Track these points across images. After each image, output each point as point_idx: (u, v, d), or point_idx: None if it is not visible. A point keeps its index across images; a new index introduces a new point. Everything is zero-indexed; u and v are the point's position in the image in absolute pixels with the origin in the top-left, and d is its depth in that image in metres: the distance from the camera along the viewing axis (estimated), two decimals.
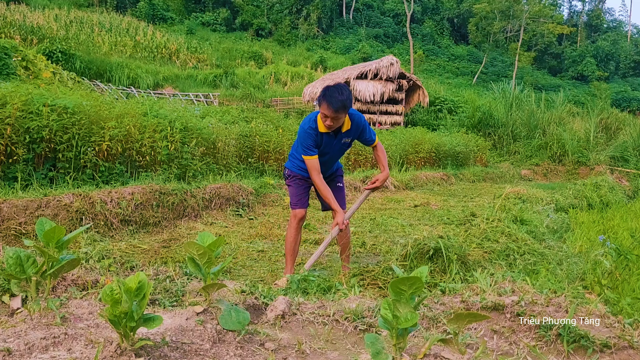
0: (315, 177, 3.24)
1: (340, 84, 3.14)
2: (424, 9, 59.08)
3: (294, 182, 3.50)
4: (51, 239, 1.75)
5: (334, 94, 3.03)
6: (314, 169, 3.23)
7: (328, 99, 3.03)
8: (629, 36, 65.23)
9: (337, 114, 3.05)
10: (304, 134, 3.22)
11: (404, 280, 1.46)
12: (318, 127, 3.20)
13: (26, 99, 4.83)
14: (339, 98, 3.02)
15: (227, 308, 1.81)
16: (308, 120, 3.25)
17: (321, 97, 3.08)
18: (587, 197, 8.05)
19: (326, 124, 3.12)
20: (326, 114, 3.06)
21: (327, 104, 3.03)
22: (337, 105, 3.02)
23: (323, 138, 3.24)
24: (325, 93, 3.06)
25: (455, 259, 3.51)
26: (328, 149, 3.32)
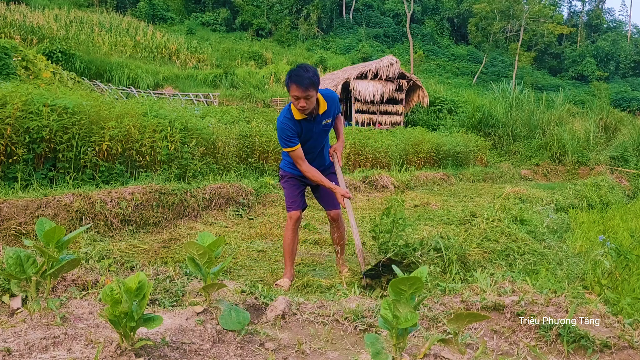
0: (302, 165, 3.21)
1: (302, 64, 3.11)
2: (424, 9, 59.08)
3: (287, 183, 3.48)
4: (51, 239, 1.75)
5: (300, 73, 2.98)
6: (299, 158, 3.20)
7: (295, 79, 2.97)
8: (629, 36, 65.25)
9: (307, 91, 2.98)
10: (281, 126, 3.16)
11: (404, 280, 1.46)
12: (294, 116, 3.15)
13: (26, 99, 4.83)
14: (305, 75, 2.96)
15: (227, 308, 1.81)
16: (282, 112, 3.21)
17: (288, 80, 3.03)
18: (587, 197, 8.05)
19: (299, 106, 3.04)
20: (297, 94, 2.99)
21: (295, 84, 2.97)
22: (306, 82, 2.96)
23: (302, 125, 3.18)
24: (290, 75, 3.02)
25: (455, 259, 3.51)
26: (309, 135, 3.26)
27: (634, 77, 55.21)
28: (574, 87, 49.60)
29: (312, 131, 3.26)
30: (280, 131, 3.17)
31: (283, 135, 3.16)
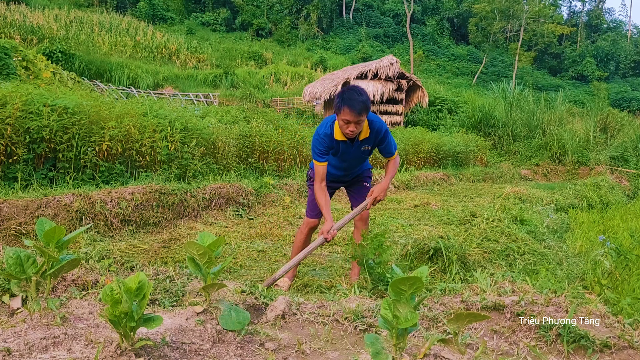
0: (317, 184, 3.06)
1: (354, 86, 2.91)
2: (424, 9, 59.10)
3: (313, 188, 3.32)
4: (51, 239, 1.75)
5: (353, 96, 2.77)
6: (318, 175, 3.05)
7: (348, 103, 2.76)
8: (629, 36, 65.26)
9: (359, 117, 2.78)
10: (318, 139, 3.01)
11: (404, 280, 1.46)
12: (334, 134, 2.98)
13: (26, 99, 4.83)
14: (359, 99, 2.76)
15: (227, 308, 1.81)
16: (324, 125, 3.03)
17: (339, 102, 2.81)
18: (587, 197, 8.05)
19: (348, 130, 2.85)
20: (348, 119, 2.80)
21: (348, 108, 2.76)
22: (360, 107, 2.76)
23: (339, 146, 3.04)
24: (343, 97, 2.79)
25: (455, 259, 3.51)
26: (346, 157, 3.13)
27: (634, 77, 55.21)
28: (574, 87, 49.61)
29: (349, 153, 3.10)
30: (315, 142, 3.03)
31: (315, 148, 3.03)
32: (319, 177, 3.06)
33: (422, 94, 21.70)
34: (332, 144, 3.02)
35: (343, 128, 2.88)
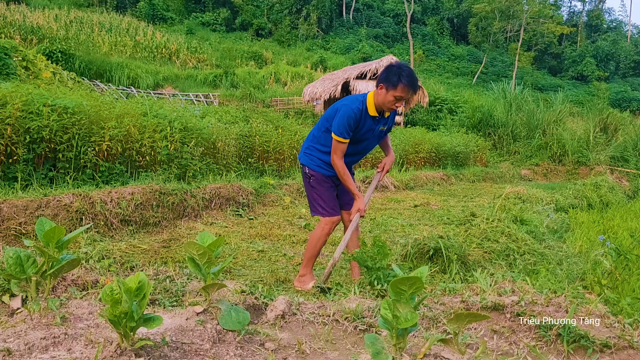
0: (337, 160, 3.02)
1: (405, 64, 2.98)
2: (424, 9, 59.10)
3: (323, 187, 3.20)
4: (51, 239, 1.75)
5: (413, 75, 2.87)
6: (339, 151, 3.01)
7: (409, 81, 2.84)
8: (629, 36, 65.27)
9: (412, 96, 2.97)
10: (351, 114, 2.94)
11: (404, 280, 1.46)
12: (368, 109, 2.99)
13: (26, 99, 4.83)
14: (416, 80, 2.90)
15: (227, 308, 1.81)
16: (355, 100, 3.01)
17: (398, 78, 2.85)
18: (587, 197, 8.06)
19: (395, 106, 2.93)
20: (402, 96, 2.87)
21: (407, 86, 2.85)
22: (416, 88, 2.90)
23: (368, 122, 3.04)
24: (402, 73, 2.86)
25: (455, 259, 3.51)
26: (369, 135, 3.11)
27: (634, 77, 55.21)
28: (574, 87, 49.62)
29: (373, 132, 3.12)
30: (347, 119, 2.95)
31: (346, 123, 2.94)
32: (340, 152, 3.01)
33: (422, 94, 21.69)
34: (363, 120, 3.00)
35: (390, 103, 2.93)
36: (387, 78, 2.90)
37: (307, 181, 3.25)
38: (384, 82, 2.91)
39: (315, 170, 3.18)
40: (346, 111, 2.95)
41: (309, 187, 3.25)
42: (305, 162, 3.23)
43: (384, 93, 2.92)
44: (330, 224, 3.22)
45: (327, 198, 3.20)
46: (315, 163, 3.18)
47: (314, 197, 3.23)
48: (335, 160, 3.03)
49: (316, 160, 3.19)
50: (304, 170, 3.25)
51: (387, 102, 2.93)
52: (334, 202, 3.21)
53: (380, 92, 2.93)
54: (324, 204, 3.20)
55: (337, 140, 2.98)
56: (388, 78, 2.89)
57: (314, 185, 3.21)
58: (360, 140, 3.11)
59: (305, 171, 3.23)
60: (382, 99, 2.94)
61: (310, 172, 3.19)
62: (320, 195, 3.20)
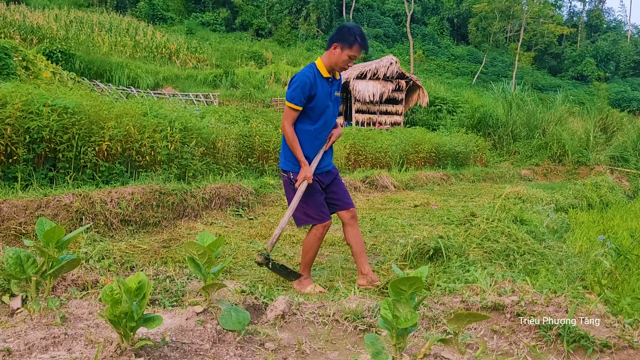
0: (288, 126, 3.01)
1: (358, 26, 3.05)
2: (424, 9, 59.10)
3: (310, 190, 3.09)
4: (51, 239, 1.75)
5: (365, 36, 2.98)
6: (290, 117, 3.00)
7: (362, 41, 2.96)
8: (629, 36, 65.28)
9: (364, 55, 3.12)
10: (302, 78, 2.96)
11: (404, 280, 1.46)
12: (320, 72, 3.04)
13: (26, 99, 4.83)
14: (367, 39, 3.01)
15: (227, 308, 1.81)
16: (306, 70, 3.04)
17: (354, 38, 2.94)
18: (587, 197, 8.05)
19: (348, 65, 3.00)
20: (355, 55, 2.97)
21: (361, 45, 2.96)
22: (368, 47, 3.04)
23: (323, 86, 3.05)
24: (358, 33, 2.96)
25: (455, 259, 3.51)
26: (327, 101, 3.10)
27: (634, 77, 55.21)
28: (574, 87, 49.62)
29: (330, 97, 3.12)
30: (301, 83, 2.95)
31: (299, 89, 2.95)
32: (292, 120, 3.01)
33: (422, 94, 21.70)
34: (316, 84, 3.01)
35: (343, 63, 2.99)
36: (342, 38, 2.99)
37: (292, 189, 3.12)
38: (339, 42, 2.98)
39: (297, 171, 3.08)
40: (298, 78, 2.99)
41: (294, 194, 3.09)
42: (289, 168, 3.12)
43: (338, 52, 2.98)
44: (322, 229, 3.15)
45: (314, 203, 3.10)
46: (297, 165, 3.09)
47: (300, 205, 3.08)
48: (286, 126, 3.02)
49: (296, 161, 3.10)
50: (288, 178, 3.13)
51: (341, 61, 2.99)
52: (323, 206, 3.13)
53: (335, 52, 2.99)
54: (312, 211, 3.10)
55: (289, 107, 2.99)
56: (343, 38, 2.98)
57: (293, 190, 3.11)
58: (323, 108, 3.08)
59: (289, 177, 3.12)
60: (337, 59, 2.99)
61: (294, 177, 3.09)
62: (307, 202, 3.08)
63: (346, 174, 9.05)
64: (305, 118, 3.07)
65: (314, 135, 3.10)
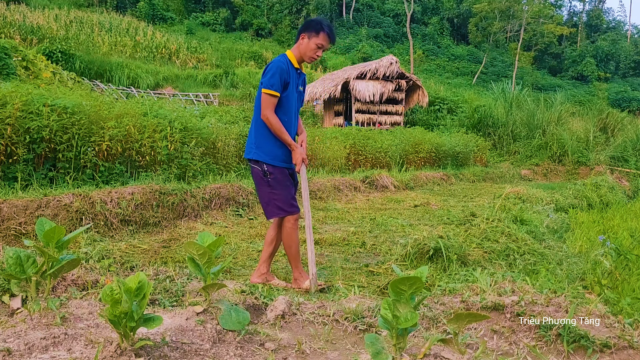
0: (270, 114, 2.95)
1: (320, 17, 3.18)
2: (424, 9, 59.10)
3: (281, 184, 3.05)
4: (51, 239, 1.75)
5: (332, 26, 3.07)
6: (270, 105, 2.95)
7: (330, 31, 3.04)
8: (629, 36, 65.28)
9: (330, 47, 3.15)
10: (279, 65, 2.98)
11: (404, 280, 1.46)
12: (292, 62, 3.08)
13: (26, 99, 4.83)
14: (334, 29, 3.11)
15: (227, 308, 1.81)
16: (282, 57, 3.07)
17: (321, 27, 3.02)
18: (587, 197, 8.05)
19: (316, 55, 3.05)
20: (323, 44, 3.03)
21: (329, 36, 3.03)
22: (335, 37, 3.09)
23: (292, 75, 3.08)
24: (325, 23, 3.04)
25: (455, 259, 3.51)
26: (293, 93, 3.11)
27: (634, 77, 55.21)
28: (574, 87, 49.62)
29: (296, 89, 3.15)
30: (279, 71, 2.96)
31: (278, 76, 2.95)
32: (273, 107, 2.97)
33: (422, 93, 21.69)
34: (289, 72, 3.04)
35: (312, 52, 3.05)
36: (309, 28, 3.05)
37: (264, 181, 3.05)
38: (307, 32, 3.05)
39: (274, 164, 3.02)
40: (275, 65, 3.00)
41: (266, 187, 3.05)
42: (262, 159, 3.03)
43: (306, 42, 3.05)
44: (293, 221, 3.13)
45: (286, 196, 3.07)
46: (271, 154, 3.04)
47: (271, 198, 3.06)
48: (268, 115, 2.95)
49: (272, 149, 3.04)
50: (262, 169, 3.03)
51: (309, 50, 3.05)
52: (293, 200, 3.11)
53: (303, 42, 3.06)
54: (283, 203, 3.06)
55: (268, 94, 2.95)
56: (311, 28, 3.04)
57: (273, 185, 3.04)
58: (292, 99, 3.09)
59: (263, 169, 3.03)
60: (305, 48, 3.05)
61: (268, 168, 3.02)
62: (279, 194, 3.05)
63: (346, 174, 9.06)
64: (278, 108, 3.03)
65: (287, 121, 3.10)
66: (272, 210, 3.09)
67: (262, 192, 3.09)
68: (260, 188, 3.09)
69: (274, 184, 3.03)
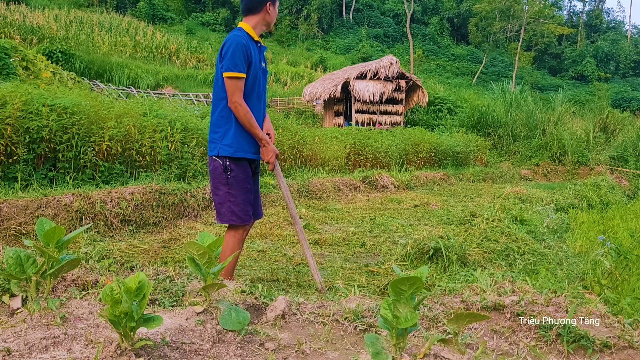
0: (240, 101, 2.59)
1: None
2: (424, 9, 59.13)
3: (239, 182, 2.70)
4: (51, 239, 1.75)
5: None
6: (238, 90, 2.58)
7: None
8: (629, 36, 65.29)
9: None
10: (239, 41, 2.60)
11: (404, 280, 1.46)
12: (250, 35, 2.72)
13: (26, 99, 4.83)
14: None
15: (227, 308, 1.81)
16: (236, 35, 2.66)
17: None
18: (587, 197, 8.06)
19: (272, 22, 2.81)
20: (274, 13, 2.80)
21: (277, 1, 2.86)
22: None
23: (254, 50, 2.72)
24: None
25: (455, 259, 3.51)
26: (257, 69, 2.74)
27: (634, 77, 55.22)
28: (574, 87, 49.65)
29: (259, 65, 2.78)
30: (239, 46, 2.59)
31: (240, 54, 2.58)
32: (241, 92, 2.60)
33: (422, 93, 21.71)
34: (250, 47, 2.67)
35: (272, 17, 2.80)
36: None
37: (223, 177, 2.69)
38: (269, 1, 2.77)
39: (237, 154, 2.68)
40: (234, 41, 2.60)
41: (224, 185, 2.69)
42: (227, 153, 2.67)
43: (272, 9, 2.79)
44: (243, 232, 2.77)
45: (243, 201, 2.72)
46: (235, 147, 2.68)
47: (227, 199, 2.69)
48: (238, 101, 2.59)
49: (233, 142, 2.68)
50: (223, 164, 2.68)
51: (275, 16, 2.84)
52: (249, 207, 2.76)
53: (270, 10, 2.77)
54: (238, 208, 2.70)
55: (234, 77, 2.57)
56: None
57: (231, 184, 2.69)
58: (255, 81, 2.73)
59: (225, 164, 2.67)
60: (272, 15, 2.80)
61: (230, 164, 2.67)
62: (236, 196, 2.70)
63: (346, 174, 9.06)
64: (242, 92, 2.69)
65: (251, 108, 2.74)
66: (225, 214, 2.71)
67: (217, 190, 2.72)
68: (218, 186, 2.72)
69: (233, 182, 2.68)
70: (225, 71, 2.59)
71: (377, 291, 3.19)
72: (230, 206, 2.70)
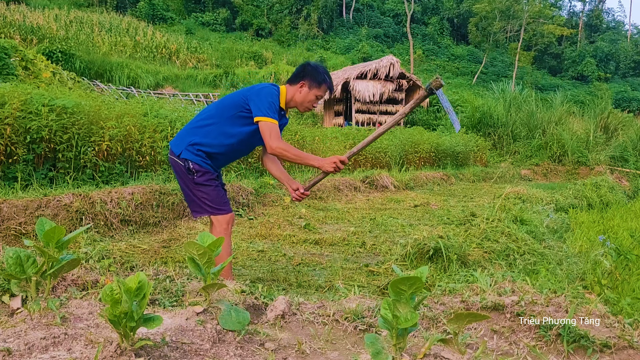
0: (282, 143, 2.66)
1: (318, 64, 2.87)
2: (424, 9, 59.12)
3: (208, 182, 2.75)
4: (51, 239, 1.75)
5: (330, 75, 2.87)
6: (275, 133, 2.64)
7: (330, 83, 2.83)
8: (629, 36, 65.28)
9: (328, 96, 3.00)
10: (273, 92, 2.70)
11: (404, 280, 1.46)
12: (280, 101, 2.78)
13: (25, 99, 4.83)
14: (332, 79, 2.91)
15: (227, 308, 1.81)
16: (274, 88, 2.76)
17: (323, 79, 2.79)
18: (587, 197, 8.05)
19: (313, 105, 2.85)
20: (322, 95, 2.83)
21: (328, 88, 2.83)
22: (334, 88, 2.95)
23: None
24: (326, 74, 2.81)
25: (455, 259, 3.51)
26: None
27: (634, 77, 55.21)
28: (574, 87, 49.63)
29: None
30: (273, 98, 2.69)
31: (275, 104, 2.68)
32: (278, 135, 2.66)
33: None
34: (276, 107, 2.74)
35: (309, 103, 2.83)
36: (311, 76, 2.79)
37: (189, 178, 2.72)
38: (308, 80, 2.78)
39: (203, 166, 2.72)
40: (270, 92, 2.70)
41: (193, 184, 2.73)
42: (190, 158, 2.71)
43: (306, 91, 2.79)
44: (226, 223, 2.78)
45: (216, 194, 2.77)
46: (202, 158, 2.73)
47: (199, 196, 2.74)
48: (280, 146, 2.64)
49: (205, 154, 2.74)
50: (186, 166, 2.70)
51: (307, 101, 2.82)
52: (224, 198, 2.82)
53: (302, 90, 2.79)
54: (212, 201, 2.74)
55: (270, 122, 2.63)
56: (312, 77, 2.79)
57: (199, 182, 2.72)
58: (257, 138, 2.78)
59: (188, 166, 2.70)
60: (303, 97, 2.80)
61: (196, 166, 2.70)
62: (208, 192, 2.74)
63: (346, 174, 9.05)
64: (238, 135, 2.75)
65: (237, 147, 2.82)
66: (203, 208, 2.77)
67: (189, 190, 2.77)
68: (187, 186, 2.77)
69: (201, 180, 2.72)
70: (264, 115, 2.63)
71: (377, 291, 3.19)
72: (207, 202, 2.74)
